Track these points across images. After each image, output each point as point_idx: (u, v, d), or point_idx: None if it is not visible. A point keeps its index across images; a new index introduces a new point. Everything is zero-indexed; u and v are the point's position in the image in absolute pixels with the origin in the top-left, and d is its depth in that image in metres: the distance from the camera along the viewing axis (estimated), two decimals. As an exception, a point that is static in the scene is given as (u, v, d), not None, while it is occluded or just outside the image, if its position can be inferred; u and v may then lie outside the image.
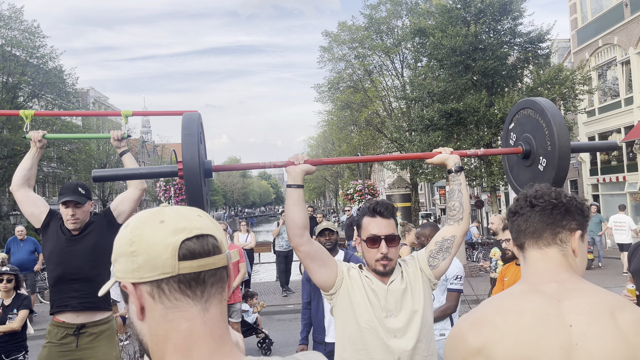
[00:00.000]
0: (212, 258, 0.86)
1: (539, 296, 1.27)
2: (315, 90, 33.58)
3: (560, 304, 1.25)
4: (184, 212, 0.89)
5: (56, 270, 3.17)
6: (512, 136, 2.81)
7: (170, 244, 0.84)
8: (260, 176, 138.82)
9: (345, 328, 2.19)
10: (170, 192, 14.18)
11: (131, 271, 0.85)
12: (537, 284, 1.31)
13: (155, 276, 0.83)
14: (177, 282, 0.84)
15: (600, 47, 20.64)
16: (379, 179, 51.18)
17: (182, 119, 2.23)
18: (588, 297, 1.26)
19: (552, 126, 2.44)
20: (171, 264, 0.83)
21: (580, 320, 1.22)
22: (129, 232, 0.87)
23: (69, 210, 3.15)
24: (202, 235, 0.86)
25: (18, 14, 23.78)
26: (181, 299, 0.84)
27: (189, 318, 0.84)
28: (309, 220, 2.22)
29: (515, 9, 17.40)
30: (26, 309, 5.07)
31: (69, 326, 3.15)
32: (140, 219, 0.88)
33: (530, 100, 2.66)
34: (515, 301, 1.29)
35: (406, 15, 26.99)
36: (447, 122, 17.95)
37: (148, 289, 0.84)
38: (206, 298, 0.86)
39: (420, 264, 2.29)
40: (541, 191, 1.38)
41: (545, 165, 2.52)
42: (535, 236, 1.35)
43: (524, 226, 1.37)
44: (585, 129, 21.77)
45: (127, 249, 0.85)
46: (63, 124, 26.14)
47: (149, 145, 64.30)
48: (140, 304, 0.85)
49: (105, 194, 39.75)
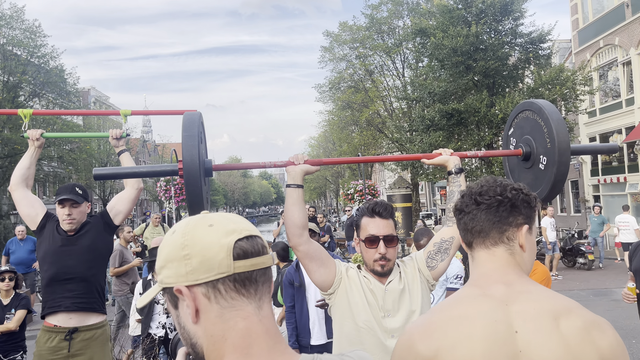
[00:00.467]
0: (262, 257, 0.90)
1: (488, 301, 1.24)
2: (316, 90, 33.60)
3: (508, 309, 1.22)
4: (228, 216, 0.93)
5: (50, 270, 3.08)
6: (512, 141, 2.81)
7: (224, 245, 0.86)
8: (261, 176, 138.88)
9: (343, 327, 2.19)
10: (171, 192, 14.19)
11: (185, 274, 0.86)
12: (485, 286, 1.27)
13: (212, 277, 0.85)
14: (232, 281, 0.86)
15: (602, 48, 20.62)
16: (379, 179, 51.18)
17: (182, 119, 2.23)
18: (534, 302, 1.23)
19: (550, 122, 2.45)
20: (227, 263, 0.86)
21: (526, 327, 1.19)
22: (180, 237, 0.89)
23: (65, 210, 3.11)
24: (251, 236, 0.90)
25: (19, 13, 23.80)
26: (237, 298, 0.86)
27: (246, 317, 0.86)
28: (308, 220, 2.22)
29: (517, 9, 17.39)
30: (24, 309, 5.05)
31: (60, 330, 3.04)
32: (189, 225, 0.90)
33: (528, 102, 2.69)
34: (465, 307, 1.25)
35: (407, 16, 26.98)
36: (448, 122, 17.94)
37: (203, 291, 0.86)
38: (259, 296, 0.89)
39: (419, 264, 2.29)
40: (486, 186, 1.33)
41: (546, 163, 2.53)
42: (482, 235, 1.31)
43: (471, 225, 1.33)
44: (586, 130, 21.76)
45: (179, 253, 0.87)
46: (64, 123, 26.18)
47: (149, 144, 64.35)
48: (196, 306, 0.86)
49: (105, 193, 39.79)
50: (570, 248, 14.43)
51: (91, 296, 3.13)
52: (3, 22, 23.20)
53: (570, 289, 10.91)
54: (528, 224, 1.32)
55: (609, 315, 7.77)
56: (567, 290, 10.62)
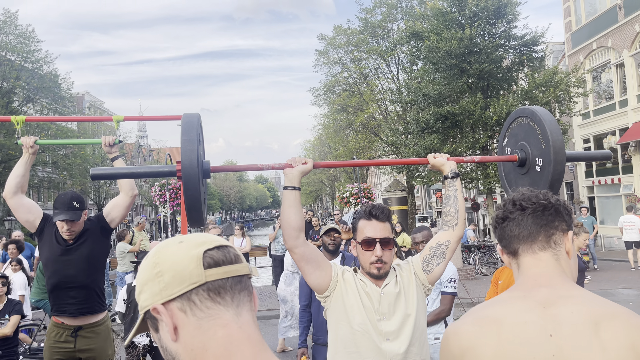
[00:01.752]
0: (236, 265, 0.89)
1: (523, 302, 1.23)
2: (311, 93, 33.64)
3: (544, 311, 1.20)
4: (199, 234, 0.93)
5: (53, 278, 3.28)
6: (507, 151, 2.82)
7: (194, 255, 0.86)
8: (257, 180, 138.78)
9: (338, 331, 2.19)
10: (166, 197, 14.15)
11: (159, 292, 0.85)
12: (528, 289, 1.27)
13: (184, 288, 0.84)
14: (206, 290, 0.85)
15: (595, 50, 20.75)
16: (375, 182, 51.23)
17: (182, 120, 2.22)
18: (574, 306, 1.20)
19: (544, 124, 2.47)
20: (198, 272, 0.85)
21: (561, 330, 1.17)
22: (151, 257, 0.89)
23: (65, 225, 3.23)
24: (222, 246, 0.90)
25: (12, 19, 23.74)
26: (213, 307, 0.85)
27: (224, 324, 0.85)
28: (304, 223, 2.22)
29: (510, 12, 17.49)
30: (18, 314, 5.05)
31: (67, 327, 3.31)
32: (160, 245, 0.91)
33: (520, 109, 2.73)
34: (498, 308, 1.25)
35: (401, 19, 27.08)
36: (443, 125, 18.00)
37: (179, 305, 0.85)
38: (237, 303, 0.87)
39: (415, 268, 2.29)
40: (528, 194, 1.34)
41: (542, 164, 2.53)
42: (530, 240, 1.30)
43: (517, 231, 1.32)
44: (580, 132, 21.86)
45: (151, 272, 0.87)
46: (58, 128, 26.09)
47: (144, 149, 64.19)
48: (173, 323, 0.84)
49: (100, 198, 39.63)
50: (566, 249, 14.48)
51: (92, 300, 3.36)
52: (-4, 28, 23.13)
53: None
54: (571, 230, 1.33)
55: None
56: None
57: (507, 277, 4.01)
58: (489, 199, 19.21)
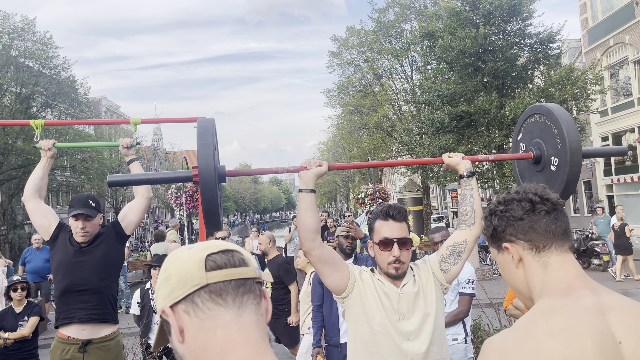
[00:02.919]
0: (240, 269, 0.91)
1: (587, 311, 1.14)
2: (325, 95, 33.66)
3: (606, 318, 1.13)
4: (210, 241, 0.96)
5: (63, 282, 3.10)
6: (522, 146, 2.80)
7: (197, 259, 0.90)
8: (272, 182, 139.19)
9: (358, 331, 2.19)
10: (182, 199, 14.26)
11: (167, 295, 0.90)
12: (573, 295, 1.17)
13: (187, 290, 0.88)
14: (207, 292, 0.88)
15: (612, 47, 20.44)
16: (390, 182, 51.05)
17: (197, 126, 2.24)
18: (628, 309, 1.15)
19: (560, 123, 2.44)
20: (199, 275, 0.88)
21: (628, 336, 1.11)
22: (164, 264, 0.95)
23: (79, 223, 3.12)
24: (227, 250, 0.93)
25: (31, 26, 24.12)
26: (214, 309, 0.87)
27: (224, 325, 0.87)
28: (320, 225, 2.22)
29: (525, 10, 17.29)
30: (37, 316, 5.13)
31: (74, 342, 3.05)
32: (171, 253, 0.97)
33: (536, 105, 2.68)
34: (567, 319, 1.13)
35: (415, 19, 26.95)
36: (458, 124, 17.86)
37: (183, 307, 0.88)
38: (238, 305, 0.89)
39: (432, 267, 2.28)
40: (544, 191, 1.26)
41: (557, 164, 2.51)
42: (563, 238, 1.22)
43: (553, 226, 1.22)
44: (598, 129, 21.54)
45: (162, 277, 0.92)
46: (76, 133, 26.44)
47: (160, 152, 64.82)
48: (179, 325, 0.88)
49: (117, 201, 40.10)
50: (585, 249, 14.27)
51: (104, 307, 3.15)
52: (15, 35, 23.52)
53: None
54: None
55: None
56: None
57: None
58: (506, 198, 19.00)
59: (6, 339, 4.91)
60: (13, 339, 4.92)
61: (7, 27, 23.35)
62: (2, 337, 4.90)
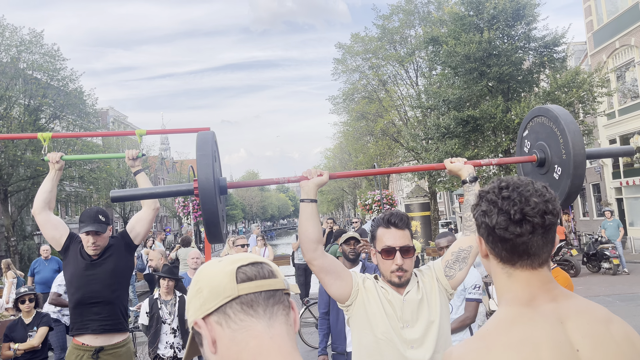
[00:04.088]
0: (269, 280, 0.93)
1: (546, 321, 1.14)
2: (330, 102, 33.70)
3: (564, 327, 1.13)
4: (239, 254, 1.00)
5: (77, 294, 3.24)
6: (527, 143, 2.78)
7: (228, 271, 0.92)
8: (279, 189, 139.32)
9: (362, 339, 2.18)
10: (189, 209, 14.32)
11: (199, 307, 0.92)
12: (534, 305, 1.17)
13: (219, 302, 0.90)
14: (239, 303, 0.90)
15: (618, 49, 20.36)
16: (396, 188, 50.94)
17: (196, 139, 2.26)
18: (585, 315, 1.16)
19: (567, 134, 2.41)
20: (231, 287, 0.90)
21: (585, 343, 1.12)
22: (194, 277, 0.97)
23: (90, 238, 3.23)
24: (257, 263, 0.95)
25: (38, 38, 24.39)
26: (245, 319, 0.89)
27: (256, 335, 0.89)
28: (322, 234, 2.22)
29: (529, 14, 17.28)
30: (46, 326, 5.17)
31: (88, 349, 3.22)
32: (201, 267, 0.99)
33: (544, 108, 2.63)
34: (525, 329, 1.13)
35: (419, 25, 27.01)
36: (464, 129, 17.82)
37: (215, 318, 0.90)
38: (269, 316, 0.91)
39: (437, 274, 2.27)
40: (535, 202, 1.16)
41: (560, 173, 2.50)
42: (534, 257, 1.18)
43: (522, 248, 1.17)
44: (605, 132, 21.42)
45: (193, 289, 0.95)
46: (84, 144, 26.67)
47: (167, 162, 65.13)
48: (212, 336, 0.90)
49: (126, 211, 40.30)
50: (594, 253, 14.15)
51: (115, 317, 3.30)
52: (23, 48, 23.80)
53: (596, 294, 10.68)
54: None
55: (637, 321, 7.58)
56: (592, 295, 10.40)
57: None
58: (513, 203, 18.89)
59: (16, 349, 4.94)
60: (23, 350, 4.96)
61: (15, 40, 23.63)
62: (12, 348, 4.94)
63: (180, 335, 5.24)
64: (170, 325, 5.19)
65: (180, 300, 5.36)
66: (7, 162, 22.81)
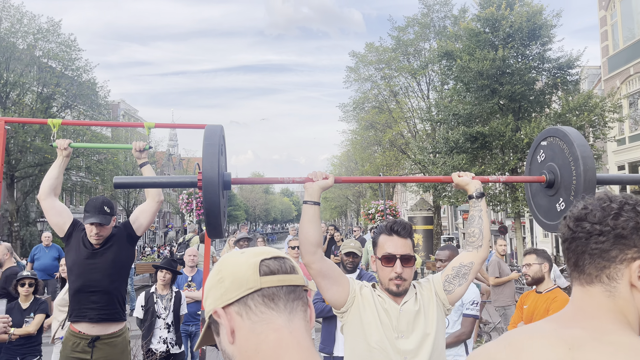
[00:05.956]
0: (290, 275, 0.95)
1: (550, 338, 1.02)
2: (341, 109, 33.77)
3: (570, 354, 0.98)
4: (261, 247, 1.01)
5: (77, 282, 3.28)
6: (541, 155, 2.74)
7: (252, 263, 0.93)
8: (283, 193, 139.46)
9: (355, 347, 2.16)
10: (192, 205, 14.34)
11: (220, 297, 0.93)
12: (563, 324, 1.05)
13: (241, 293, 0.91)
14: (260, 296, 0.91)
15: (632, 75, 20.29)
16: (401, 200, 50.84)
17: (204, 130, 2.27)
18: (611, 355, 0.96)
19: (579, 159, 2.39)
20: (254, 279, 0.91)
21: None
22: (216, 266, 0.98)
23: (94, 229, 3.26)
24: (279, 257, 0.96)
25: (56, 27, 24.62)
26: (266, 312, 0.90)
27: (276, 329, 0.90)
28: (322, 238, 2.21)
29: (545, 34, 17.26)
30: (43, 313, 5.15)
31: (84, 337, 3.25)
32: (224, 256, 1.00)
33: (557, 129, 2.60)
34: (524, 338, 1.06)
35: (434, 38, 27.06)
36: (472, 145, 17.78)
37: (236, 309, 0.91)
38: (289, 310, 0.92)
39: (436, 287, 2.25)
40: (589, 208, 1.06)
41: (564, 207, 2.51)
42: (577, 270, 1.06)
43: (567, 255, 1.10)
44: (615, 158, 21.31)
45: (215, 278, 0.95)
46: (93, 134, 26.82)
47: (175, 158, 65.33)
48: (231, 326, 0.90)
49: (129, 204, 40.41)
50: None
51: (113, 307, 3.32)
52: (40, 36, 24.02)
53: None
54: None
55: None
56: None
57: (533, 302, 3.92)
58: (517, 222, 18.82)
59: (12, 334, 4.93)
60: (18, 335, 4.95)
61: (33, 27, 23.86)
62: (8, 333, 4.94)
63: (174, 331, 5.22)
64: (165, 320, 5.18)
65: (176, 295, 5.35)
66: (16, 147, 22.96)
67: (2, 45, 22.30)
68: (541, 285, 3.92)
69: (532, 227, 30.18)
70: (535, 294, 3.97)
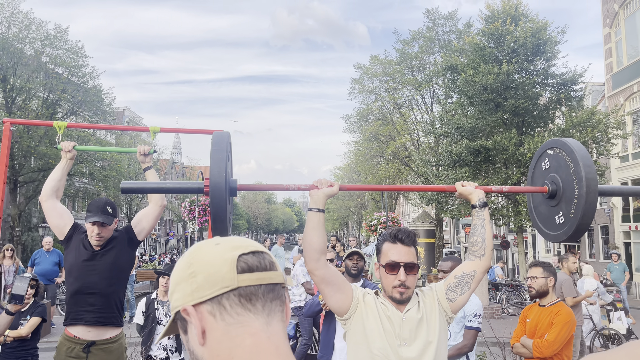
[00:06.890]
0: (270, 273, 0.86)
1: None
2: (344, 120, 33.88)
3: None
4: (237, 238, 0.91)
5: (75, 284, 3.22)
6: (546, 163, 2.75)
7: (228, 259, 0.84)
8: (285, 203, 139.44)
9: (358, 354, 2.15)
10: (195, 213, 14.34)
11: (190, 293, 0.84)
12: None
13: (216, 291, 0.82)
14: (237, 295, 0.82)
15: (636, 92, 20.32)
16: (403, 212, 50.75)
17: (212, 136, 2.28)
18: None
19: (581, 170, 2.40)
20: (230, 277, 0.83)
21: None
22: (187, 257, 0.88)
23: (95, 229, 3.22)
24: (258, 252, 0.87)
25: (63, 34, 24.82)
26: (243, 314, 0.82)
27: (253, 333, 0.82)
28: (326, 246, 2.21)
29: (549, 50, 17.34)
30: (39, 317, 5.01)
31: (79, 342, 3.16)
32: (196, 246, 0.90)
33: (559, 140, 2.62)
34: None
35: (438, 52, 27.20)
36: (475, 159, 17.79)
37: (209, 308, 0.83)
38: (267, 312, 0.84)
39: (438, 295, 2.24)
40: None
41: (563, 221, 2.53)
42: None
43: None
44: (618, 174, 21.27)
45: (185, 272, 0.86)
46: (97, 140, 26.94)
47: (178, 166, 65.49)
48: (202, 326, 0.82)
49: (132, 211, 40.44)
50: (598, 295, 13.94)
51: (110, 311, 3.24)
52: (47, 42, 24.21)
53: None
54: None
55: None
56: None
57: (536, 316, 3.89)
58: (520, 237, 18.76)
59: (6, 336, 4.86)
60: (12, 337, 4.87)
61: (41, 34, 24.06)
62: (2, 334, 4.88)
63: (174, 337, 5.20)
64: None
65: None
66: (21, 152, 23.04)
67: (9, 51, 22.49)
68: (545, 299, 3.89)
69: (534, 242, 30.07)
70: (539, 307, 3.94)
